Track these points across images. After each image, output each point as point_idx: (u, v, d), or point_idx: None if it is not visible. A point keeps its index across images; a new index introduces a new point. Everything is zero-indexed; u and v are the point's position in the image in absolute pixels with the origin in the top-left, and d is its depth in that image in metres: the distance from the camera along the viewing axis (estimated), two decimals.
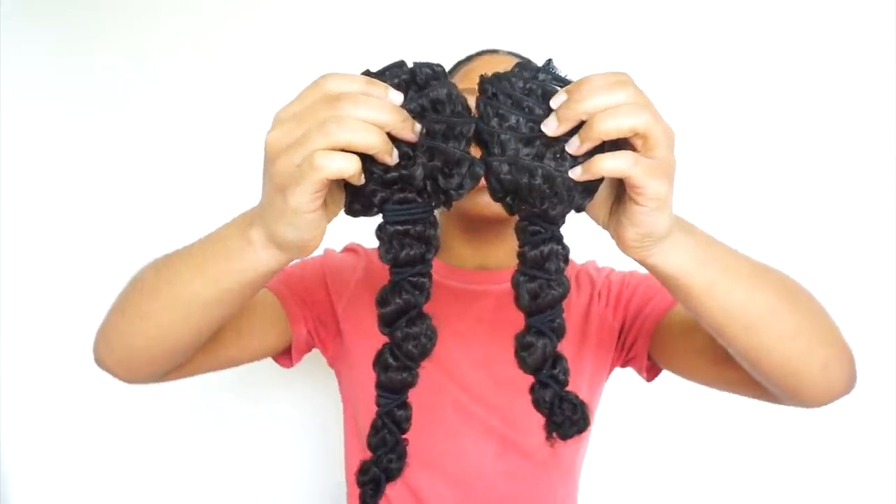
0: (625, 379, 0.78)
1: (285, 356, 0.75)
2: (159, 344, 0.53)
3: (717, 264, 0.46)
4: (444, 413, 0.73)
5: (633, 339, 0.73)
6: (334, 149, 0.37)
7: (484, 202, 0.67)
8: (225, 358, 0.65)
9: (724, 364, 0.57)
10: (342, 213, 0.45)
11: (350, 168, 0.38)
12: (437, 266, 0.78)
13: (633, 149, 0.40)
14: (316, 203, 0.40)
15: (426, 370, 0.73)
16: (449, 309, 0.75)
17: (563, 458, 0.75)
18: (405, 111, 0.39)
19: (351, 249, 0.84)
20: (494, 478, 0.72)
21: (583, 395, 0.73)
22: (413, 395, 0.72)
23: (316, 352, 0.79)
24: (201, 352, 0.59)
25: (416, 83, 0.41)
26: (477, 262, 0.78)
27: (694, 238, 0.46)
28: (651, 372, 0.73)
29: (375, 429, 0.49)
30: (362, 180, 0.40)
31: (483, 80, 0.42)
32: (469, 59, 0.77)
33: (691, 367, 0.65)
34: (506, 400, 0.46)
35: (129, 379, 0.58)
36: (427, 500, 0.72)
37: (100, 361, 0.57)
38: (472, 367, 0.72)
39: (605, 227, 0.47)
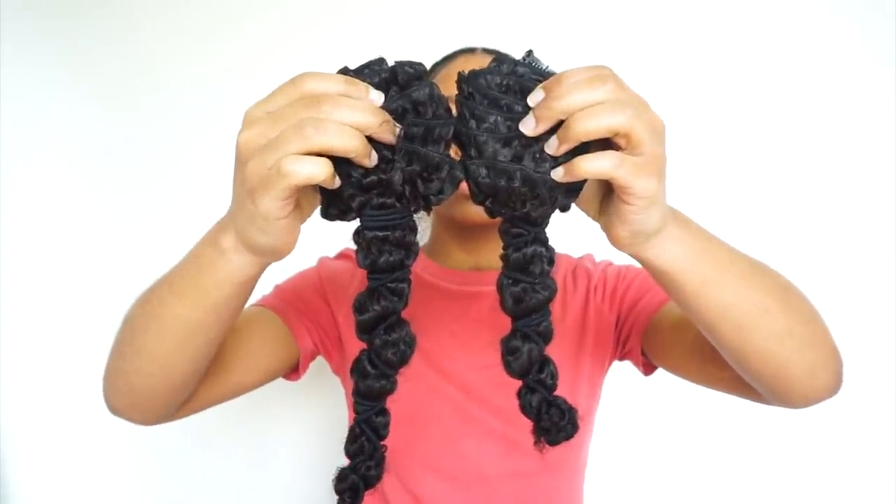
0: (631, 375, 0.78)
1: (292, 371, 0.73)
2: (159, 379, 0.51)
3: (712, 260, 0.45)
4: (444, 416, 0.72)
5: (628, 333, 0.73)
6: (310, 153, 0.35)
7: (470, 209, 0.65)
8: (233, 385, 0.63)
9: (713, 363, 0.57)
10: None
11: (321, 173, 0.35)
12: (433, 269, 0.77)
13: (619, 146, 0.38)
14: (286, 209, 0.38)
15: (425, 373, 0.72)
16: (446, 311, 0.74)
17: (568, 457, 0.75)
18: (385, 112, 0.37)
19: (345, 255, 0.82)
20: (498, 479, 0.72)
21: (583, 390, 0.74)
22: (412, 399, 0.71)
23: (322, 362, 0.77)
24: (207, 383, 0.58)
25: (397, 83, 0.38)
26: (472, 264, 0.77)
27: (689, 232, 0.45)
28: (647, 366, 0.73)
29: (353, 436, 0.47)
30: (337, 183, 0.38)
31: (459, 79, 0.40)
32: (445, 60, 0.74)
33: (680, 364, 0.65)
34: (506, 400, 0.46)
35: (142, 420, 0.55)
36: None
37: (112, 409, 0.55)
38: (471, 369, 0.72)
39: (597, 220, 0.46)
